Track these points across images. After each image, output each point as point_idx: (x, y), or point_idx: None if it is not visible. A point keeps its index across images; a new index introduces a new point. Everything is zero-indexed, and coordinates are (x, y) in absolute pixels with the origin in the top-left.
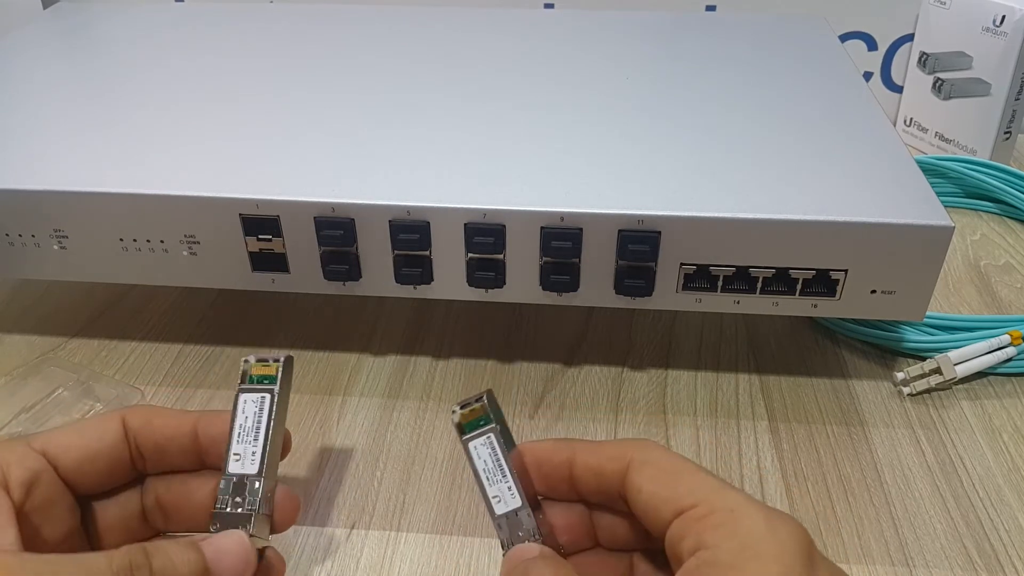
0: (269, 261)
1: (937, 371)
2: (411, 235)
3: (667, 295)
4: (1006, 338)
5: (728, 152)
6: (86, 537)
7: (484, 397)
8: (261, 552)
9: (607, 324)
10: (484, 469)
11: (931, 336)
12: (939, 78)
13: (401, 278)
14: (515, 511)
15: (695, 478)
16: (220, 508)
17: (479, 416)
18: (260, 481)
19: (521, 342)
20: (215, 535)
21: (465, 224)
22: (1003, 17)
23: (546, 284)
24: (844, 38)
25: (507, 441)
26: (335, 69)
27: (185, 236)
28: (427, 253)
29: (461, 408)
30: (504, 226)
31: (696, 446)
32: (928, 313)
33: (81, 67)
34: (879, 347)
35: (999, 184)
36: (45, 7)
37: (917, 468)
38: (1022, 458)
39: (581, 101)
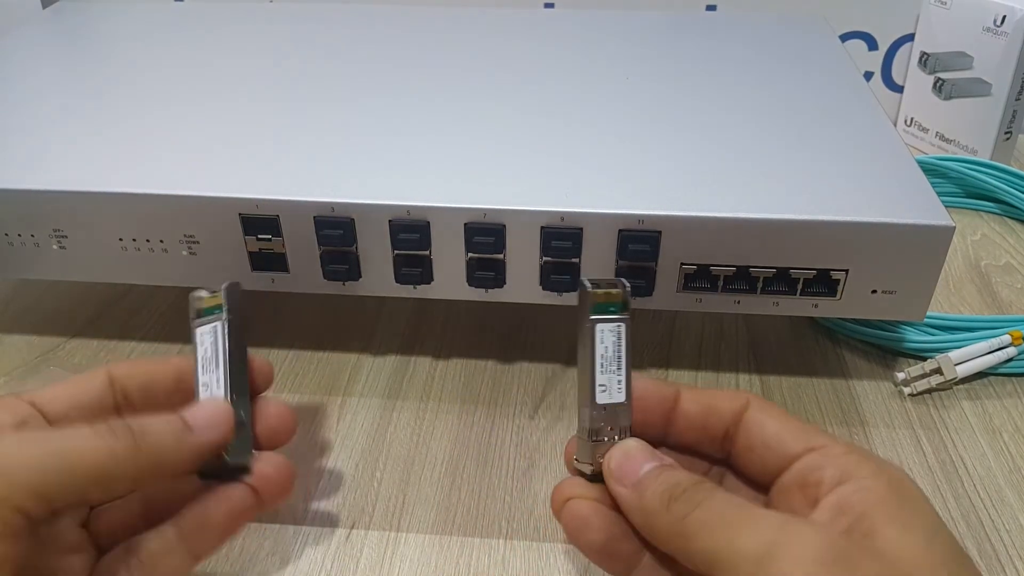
0: (269, 261)
1: (938, 371)
2: (411, 235)
3: (667, 295)
4: (1007, 338)
5: (728, 152)
6: None
7: (624, 284)
8: (245, 468)
9: None
10: (603, 355)
11: (932, 336)
12: (940, 78)
13: (401, 278)
14: (616, 405)
15: (811, 426)
16: None
17: (616, 302)
18: (227, 401)
19: (521, 342)
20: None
21: (465, 224)
22: (1004, 17)
23: (546, 284)
24: (845, 38)
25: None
26: (335, 69)
27: (185, 236)
28: (427, 253)
29: (595, 286)
30: (504, 226)
31: None
32: (929, 313)
33: (81, 67)
34: (880, 347)
35: (1000, 184)
36: (45, 7)
37: (918, 468)
38: (1022, 458)
39: (581, 101)
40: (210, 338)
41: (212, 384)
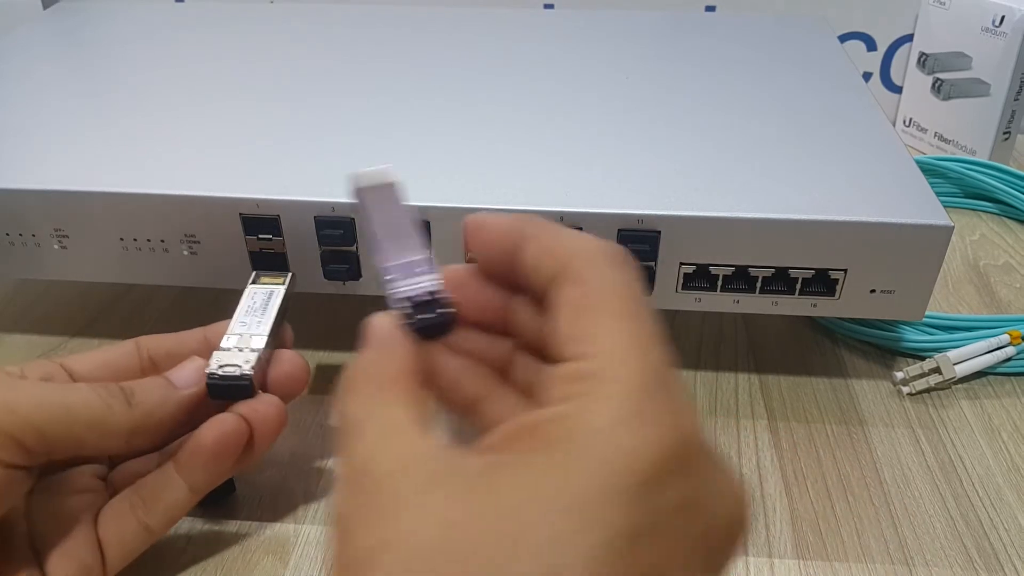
0: (269, 261)
1: (936, 371)
2: None
3: (667, 294)
4: (1005, 338)
5: (728, 152)
6: None
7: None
8: (247, 385)
9: None
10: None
11: (930, 336)
12: (938, 78)
13: None
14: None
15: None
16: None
17: (381, 182)
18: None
19: None
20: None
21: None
22: (1002, 17)
23: None
24: (844, 38)
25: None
26: (335, 69)
27: (185, 236)
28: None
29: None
30: None
31: None
32: (927, 313)
33: (81, 67)
34: (878, 347)
35: (998, 184)
36: (45, 7)
37: (916, 467)
38: (1021, 457)
39: (581, 101)
40: (263, 296)
41: (251, 324)
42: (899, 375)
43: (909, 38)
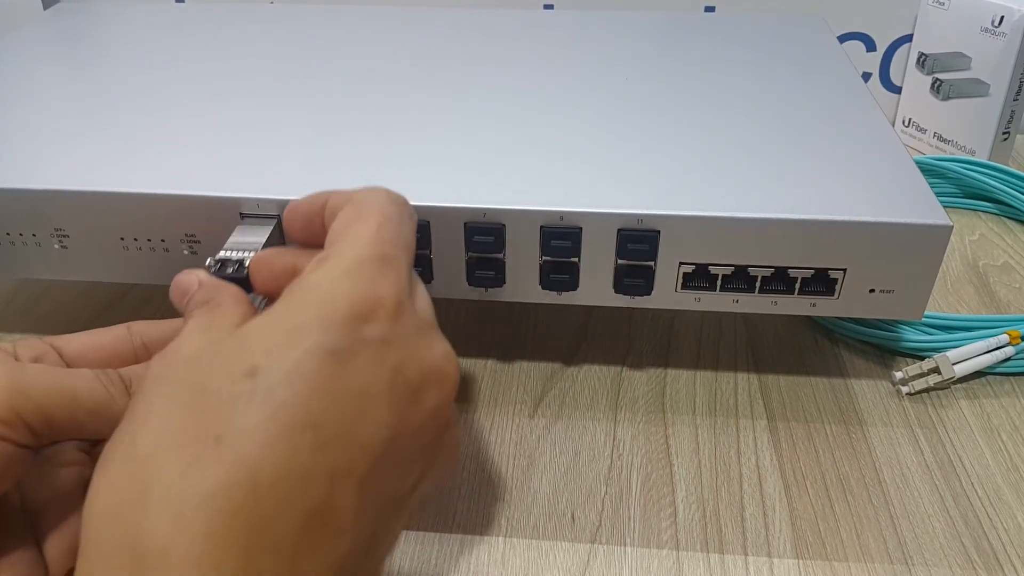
0: None
1: (935, 370)
2: None
3: (666, 294)
4: (1004, 338)
5: (727, 152)
6: None
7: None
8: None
9: (606, 323)
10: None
11: (929, 336)
12: (938, 79)
13: None
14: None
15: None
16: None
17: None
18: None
19: (521, 341)
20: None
21: (465, 223)
22: (1002, 18)
23: (546, 283)
24: (843, 39)
25: None
26: (335, 69)
27: (186, 236)
28: (427, 252)
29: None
30: (504, 225)
31: (695, 445)
32: (927, 313)
33: (82, 67)
34: (878, 346)
35: (998, 184)
36: (45, 7)
37: (915, 467)
38: (1020, 457)
39: (581, 101)
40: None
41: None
42: (898, 375)
43: (908, 38)
